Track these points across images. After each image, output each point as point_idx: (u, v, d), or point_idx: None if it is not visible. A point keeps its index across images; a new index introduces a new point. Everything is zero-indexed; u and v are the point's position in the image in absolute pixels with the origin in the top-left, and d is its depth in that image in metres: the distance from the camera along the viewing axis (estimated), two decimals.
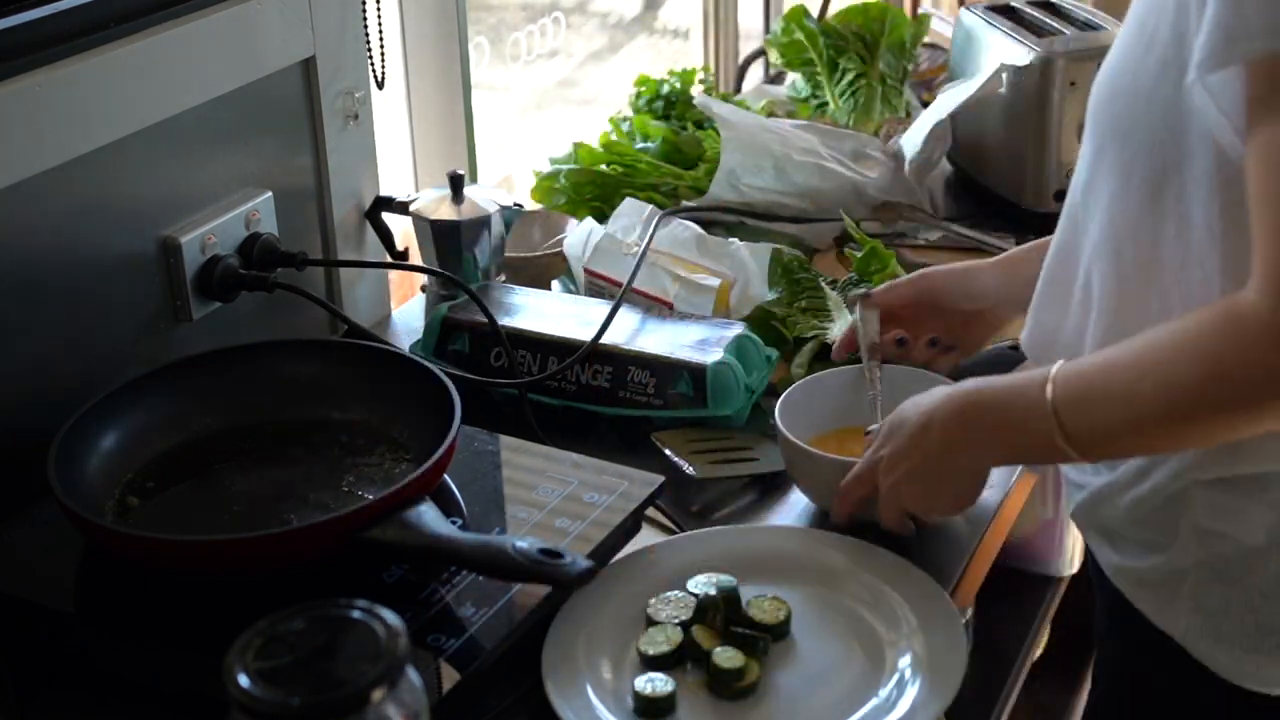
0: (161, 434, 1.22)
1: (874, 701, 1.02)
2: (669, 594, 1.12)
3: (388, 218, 1.61)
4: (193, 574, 1.06)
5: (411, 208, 1.57)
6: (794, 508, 1.28)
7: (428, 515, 1.07)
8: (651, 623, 1.10)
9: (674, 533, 1.24)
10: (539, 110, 2.43)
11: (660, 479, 1.20)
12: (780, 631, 1.09)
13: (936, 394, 1.11)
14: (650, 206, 1.63)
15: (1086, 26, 1.81)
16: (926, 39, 2.20)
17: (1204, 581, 1.05)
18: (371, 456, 1.21)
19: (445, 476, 1.17)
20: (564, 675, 1.05)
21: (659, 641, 1.07)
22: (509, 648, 1.04)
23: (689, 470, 1.31)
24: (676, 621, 1.09)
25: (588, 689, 1.04)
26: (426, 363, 1.25)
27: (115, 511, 1.15)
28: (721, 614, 1.09)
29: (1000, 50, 1.80)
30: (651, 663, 1.06)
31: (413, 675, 0.74)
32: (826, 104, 2.05)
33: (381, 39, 1.55)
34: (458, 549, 1.05)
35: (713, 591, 1.10)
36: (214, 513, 1.15)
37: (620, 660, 1.08)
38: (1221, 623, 1.04)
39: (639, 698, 1.02)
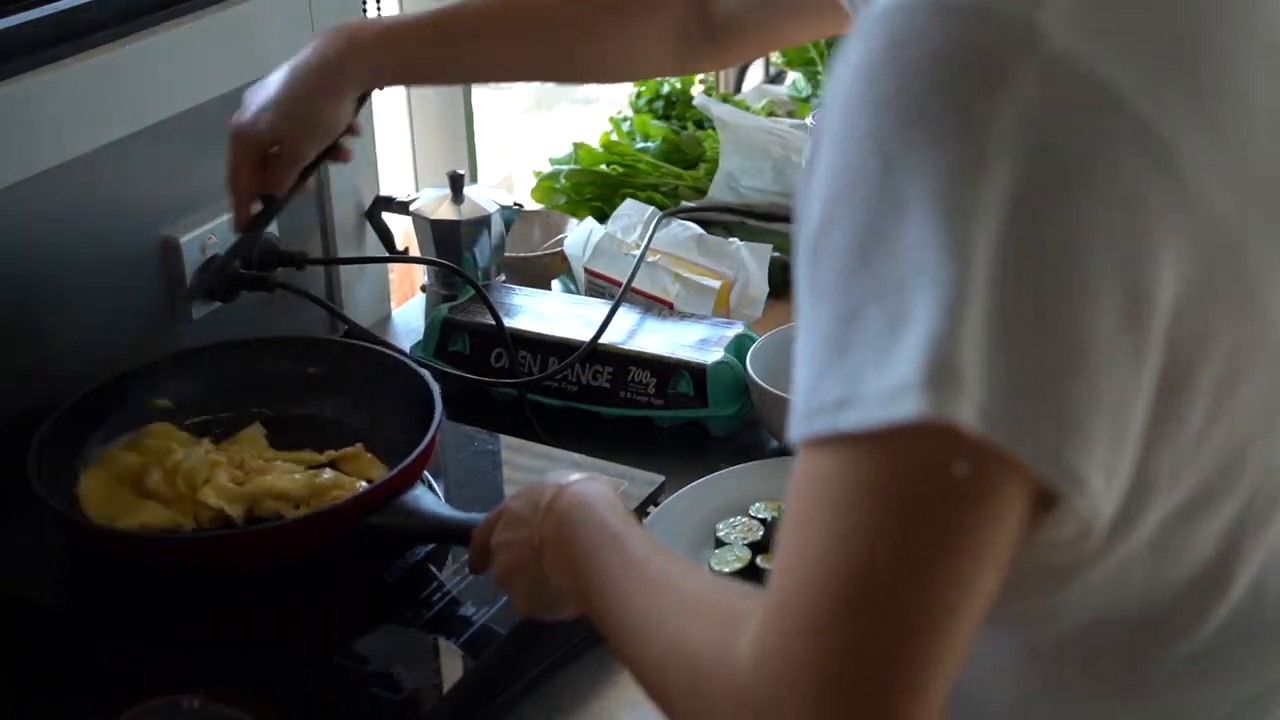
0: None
1: None
2: (734, 519, 1.18)
3: (388, 218, 1.61)
4: (189, 572, 1.06)
5: (411, 208, 1.56)
6: None
7: (425, 499, 1.07)
8: (720, 544, 1.16)
9: None
10: (539, 110, 2.43)
11: (660, 479, 1.20)
12: None
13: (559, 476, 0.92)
14: (650, 207, 1.63)
15: None
16: None
17: None
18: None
19: (432, 479, 1.17)
20: None
21: (729, 560, 1.14)
22: (509, 648, 1.04)
23: None
24: (745, 543, 1.15)
25: None
26: (406, 358, 1.25)
27: None
28: None
29: None
30: None
31: None
32: None
33: None
34: (459, 528, 1.04)
35: (777, 515, 1.16)
36: None
37: None
38: None
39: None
